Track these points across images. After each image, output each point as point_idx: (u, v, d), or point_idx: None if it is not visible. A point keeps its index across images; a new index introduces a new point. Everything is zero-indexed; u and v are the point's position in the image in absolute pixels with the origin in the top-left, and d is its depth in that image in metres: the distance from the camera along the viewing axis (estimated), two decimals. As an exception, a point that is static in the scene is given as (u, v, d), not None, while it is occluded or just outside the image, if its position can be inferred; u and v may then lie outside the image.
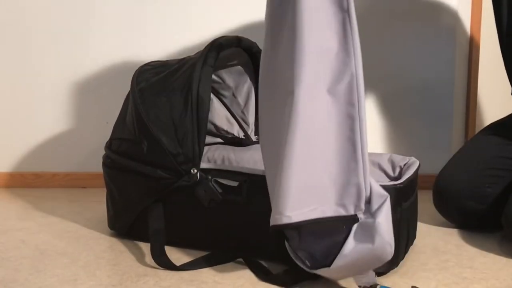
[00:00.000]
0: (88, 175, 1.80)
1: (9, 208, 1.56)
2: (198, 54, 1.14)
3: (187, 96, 1.09)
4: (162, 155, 1.09)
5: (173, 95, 1.10)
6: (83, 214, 1.47)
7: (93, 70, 1.79)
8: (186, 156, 1.08)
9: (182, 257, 1.09)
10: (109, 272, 1.04)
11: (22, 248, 1.18)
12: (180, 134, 1.08)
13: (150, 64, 1.22)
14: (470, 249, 1.17)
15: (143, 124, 1.11)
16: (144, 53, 1.75)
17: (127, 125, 1.17)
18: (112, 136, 1.24)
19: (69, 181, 1.82)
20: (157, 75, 1.16)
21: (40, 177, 1.83)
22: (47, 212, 1.49)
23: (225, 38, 1.16)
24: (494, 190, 1.25)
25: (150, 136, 1.11)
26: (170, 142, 1.09)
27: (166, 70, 1.17)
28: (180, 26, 1.77)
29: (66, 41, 1.78)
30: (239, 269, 1.04)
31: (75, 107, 1.81)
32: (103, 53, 1.78)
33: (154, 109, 1.11)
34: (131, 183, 1.16)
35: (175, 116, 1.09)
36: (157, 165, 1.10)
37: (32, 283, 0.98)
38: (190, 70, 1.11)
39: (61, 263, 1.08)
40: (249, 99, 1.36)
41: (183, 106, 1.09)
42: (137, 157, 1.13)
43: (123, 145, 1.18)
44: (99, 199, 1.61)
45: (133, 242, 1.21)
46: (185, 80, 1.10)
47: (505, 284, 0.98)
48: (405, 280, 0.99)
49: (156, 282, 0.98)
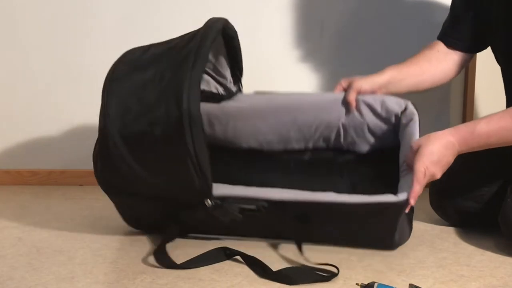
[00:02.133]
0: (85, 172, 1.79)
1: (5, 206, 1.55)
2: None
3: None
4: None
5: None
6: (79, 212, 1.46)
7: (89, 68, 1.79)
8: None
9: (180, 255, 1.09)
10: (106, 269, 1.04)
11: (19, 245, 1.18)
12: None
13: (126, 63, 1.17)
14: (467, 247, 1.17)
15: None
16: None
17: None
18: None
19: (66, 179, 1.82)
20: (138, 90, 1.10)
21: (36, 175, 1.82)
22: (43, 210, 1.49)
23: (215, 31, 1.13)
24: (491, 189, 1.25)
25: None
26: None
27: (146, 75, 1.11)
28: (180, 26, 1.76)
29: (63, 38, 1.78)
30: (236, 267, 1.04)
31: (71, 104, 1.80)
32: (100, 51, 1.78)
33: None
34: (144, 204, 1.16)
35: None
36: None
37: (29, 280, 0.98)
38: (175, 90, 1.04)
39: (57, 261, 1.08)
40: (219, 53, 1.31)
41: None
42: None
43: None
44: (96, 197, 1.61)
45: (130, 240, 1.21)
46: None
47: (502, 281, 0.98)
48: (403, 278, 0.99)
49: (153, 279, 0.98)
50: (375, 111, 1.24)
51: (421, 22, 1.71)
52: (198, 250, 1.09)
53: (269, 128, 1.29)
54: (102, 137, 1.12)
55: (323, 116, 1.26)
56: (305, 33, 1.74)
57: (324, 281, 0.97)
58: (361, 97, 1.23)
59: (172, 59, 1.10)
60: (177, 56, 1.09)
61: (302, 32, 1.74)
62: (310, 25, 1.74)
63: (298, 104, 1.29)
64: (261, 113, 1.30)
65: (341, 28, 1.74)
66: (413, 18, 1.72)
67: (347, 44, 1.74)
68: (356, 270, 1.02)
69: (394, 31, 1.72)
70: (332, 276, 0.97)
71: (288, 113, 1.28)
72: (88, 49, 1.78)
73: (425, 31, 1.61)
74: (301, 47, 1.75)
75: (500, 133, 1.09)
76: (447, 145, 1.08)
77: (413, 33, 1.71)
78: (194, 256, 1.06)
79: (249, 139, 1.34)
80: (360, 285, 0.91)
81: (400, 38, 1.72)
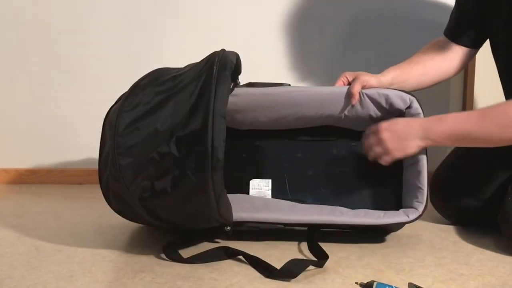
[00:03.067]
0: (84, 171, 1.80)
1: (5, 205, 1.55)
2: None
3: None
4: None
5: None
6: (78, 211, 1.46)
7: (89, 67, 1.79)
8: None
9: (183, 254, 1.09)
10: (105, 268, 1.04)
11: (18, 244, 1.18)
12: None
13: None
14: (466, 246, 1.17)
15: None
16: (143, 51, 1.75)
17: None
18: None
19: (65, 178, 1.82)
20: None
21: (36, 174, 1.82)
22: (42, 209, 1.49)
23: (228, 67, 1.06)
24: (491, 187, 1.25)
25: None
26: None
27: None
28: (179, 26, 1.76)
29: (62, 37, 1.78)
30: (236, 266, 1.04)
31: (70, 102, 1.81)
32: (100, 50, 1.78)
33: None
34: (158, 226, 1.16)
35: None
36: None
37: (28, 279, 0.98)
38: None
39: (56, 260, 1.08)
40: None
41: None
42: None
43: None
44: (95, 196, 1.60)
45: (129, 239, 1.21)
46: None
47: (501, 280, 0.98)
48: (402, 277, 0.99)
49: (152, 278, 0.98)
50: (379, 105, 1.22)
51: (421, 22, 1.71)
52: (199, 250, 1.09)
53: (269, 120, 1.28)
54: (116, 191, 1.06)
55: (324, 109, 1.25)
56: (304, 33, 1.74)
57: (317, 267, 1.00)
58: (365, 91, 1.22)
59: (183, 108, 1.03)
60: (189, 108, 1.02)
61: (302, 32, 1.74)
62: (310, 26, 1.74)
63: (299, 99, 1.27)
64: (261, 107, 1.27)
65: (341, 28, 1.74)
66: (413, 18, 1.72)
67: (347, 44, 1.74)
68: (355, 269, 1.02)
69: (391, 32, 1.72)
70: (323, 261, 1.02)
71: (288, 108, 1.26)
72: (88, 49, 1.78)
73: (425, 32, 1.61)
74: (301, 47, 1.75)
75: (466, 125, 1.11)
76: (411, 122, 1.14)
77: (413, 33, 1.71)
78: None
79: (248, 127, 1.33)
80: (359, 284, 0.91)
81: (400, 38, 1.72)
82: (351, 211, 1.18)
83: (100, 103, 1.76)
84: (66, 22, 1.77)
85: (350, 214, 1.16)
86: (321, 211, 1.17)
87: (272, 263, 1.01)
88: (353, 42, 1.74)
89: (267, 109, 1.24)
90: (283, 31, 1.75)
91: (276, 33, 1.75)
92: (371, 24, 1.73)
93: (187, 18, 1.76)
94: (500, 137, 1.09)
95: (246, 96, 1.23)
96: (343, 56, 1.74)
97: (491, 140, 1.10)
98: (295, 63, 1.76)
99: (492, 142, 1.11)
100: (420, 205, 1.14)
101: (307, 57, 1.76)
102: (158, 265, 1.04)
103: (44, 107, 1.81)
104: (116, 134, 1.03)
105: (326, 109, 1.23)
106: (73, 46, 1.78)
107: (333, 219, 1.15)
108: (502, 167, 1.26)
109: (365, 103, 1.22)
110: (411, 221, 1.13)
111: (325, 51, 1.75)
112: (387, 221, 1.13)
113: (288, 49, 1.76)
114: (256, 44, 1.75)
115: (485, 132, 1.09)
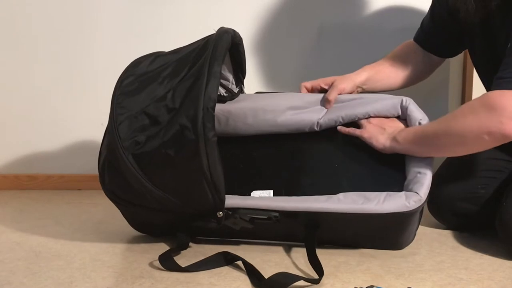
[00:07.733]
0: (83, 177, 1.80)
1: (4, 210, 1.55)
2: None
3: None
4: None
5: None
6: (78, 216, 1.46)
7: (88, 71, 1.79)
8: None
9: (179, 259, 1.09)
10: (104, 274, 1.04)
11: (17, 250, 1.18)
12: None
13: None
14: (465, 251, 1.17)
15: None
16: (142, 53, 1.75)
17: None
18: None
19: (64, 183, 1.82)
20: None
21: (35, 179, 1.82)
22: (42, 214, 1.49)
23: (225, 46, 1.11)
24: (487, 191, 1.25)
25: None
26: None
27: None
28: (179, 26, 1.77)
29: (61, 41, 1.78)
30: (235, 271, 1.04)
31: (70, 108, 1.81)
32: (99, 54, 1.78)
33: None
34: (153, 214, 1.16)
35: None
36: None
37: (27, 285, 0.98)
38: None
39: (56, 265, 1.08)
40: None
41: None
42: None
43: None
44: (94, 201, 1.61)
45: (129, 244, 1.21)
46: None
47: (500, 285, 0.98)
48: (401, 281, 0.99)
49: (152, 284, 0.98)
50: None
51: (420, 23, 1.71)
52: (199, 256, 1.09)
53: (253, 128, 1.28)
54: (110, 152, 1.10)
55: (304, 116, 1.25)
56: (304, 33, 1.75)
57: (311, 283, 0.97)
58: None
59: (184, 75, 1.10)
60: (188, 73, 1.09)
61: (302, 33, 1.75)
62: (310, 26, 1.74)
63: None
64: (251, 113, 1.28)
65: (340, 29, 1.74)
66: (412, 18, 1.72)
67: (347, 44, 1.74)
68: (354, 274, 1.02)
69: (390, 32, 1.72)
70: (315, 282, 0.97)
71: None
72: (87, 54, 1.78)
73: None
74: (301, 47, 1.76)
75: (431, 125, 1.13)
76: (397, 124, 1.19)
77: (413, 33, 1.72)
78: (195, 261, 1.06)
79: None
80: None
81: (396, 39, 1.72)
82: (349, 196, 1.12)
83: (99, 109, 1.77)
84: (68, 28, 1.77)
85: (348, 201, 1.11)
86: (318, 199, 1.13)
87: (270, 268, 1.01)
88: (353, 41, 1.74)
89: (251, 116, 1.26)
90: (283, 32, 1.75)
91: (276, 33, 1.75)
92: (370, 25, 1.74)
93: (188, 19, 1.76)
94: (463, 127, 1.06)
95: (246, 101, 1.25)
96: (343, 56, 1.74)
97: (456, 133, 1.07)
98: (295, 63, 1.76)
99: (457, 137, 1.08)
100: (421, 188, 1.10)
101: (307, 57, 1.76)
102: (157, 270, 1.04)
103: (43, 113, 1.81)
104: (119, 87, 1.12)
105: (306, 115, 1.24)
106: (74, 52, 1.78)
107: (330, 207, 1.10)
108: (497, 171, 1.26)
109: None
110: (412, 210, 1.08)
111: (324, 51, 1.75)
112: (387, 208, 1.08)
113: (288, 49, 1.76)
114: (258, 46, 1.75)
115: (448, 128, 1.09)
